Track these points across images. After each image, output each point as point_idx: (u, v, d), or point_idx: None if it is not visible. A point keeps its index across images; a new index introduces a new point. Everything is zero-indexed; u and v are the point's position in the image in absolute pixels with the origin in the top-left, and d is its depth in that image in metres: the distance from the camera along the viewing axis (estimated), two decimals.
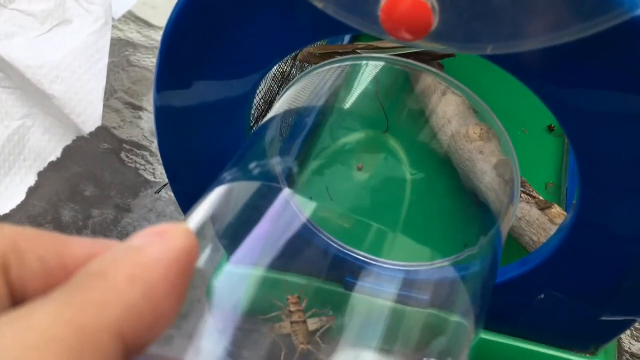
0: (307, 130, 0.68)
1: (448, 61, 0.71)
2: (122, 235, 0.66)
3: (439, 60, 0.69)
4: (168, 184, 0.51)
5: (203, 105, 0.45)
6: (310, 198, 0.61)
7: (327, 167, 0.63)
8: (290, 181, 0.63)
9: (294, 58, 0.69)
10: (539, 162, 0.64)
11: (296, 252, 0.43)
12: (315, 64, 0.61)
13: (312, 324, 0.42)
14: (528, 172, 0.54)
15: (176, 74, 0.44)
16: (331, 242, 0.50)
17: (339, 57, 0.64)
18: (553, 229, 0.48)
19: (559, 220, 0.48)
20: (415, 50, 0.64)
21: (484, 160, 0.55)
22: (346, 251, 0.50)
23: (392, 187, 0.61)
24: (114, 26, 0.91)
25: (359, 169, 0.64)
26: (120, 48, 0.88)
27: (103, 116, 0.77)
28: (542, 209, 0.49)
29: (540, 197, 0.51)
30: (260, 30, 0.40)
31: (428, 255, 0.55)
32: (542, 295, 0.46)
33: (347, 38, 0.74)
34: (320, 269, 0.50)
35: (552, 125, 0.67)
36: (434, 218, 0.57)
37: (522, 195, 0.51)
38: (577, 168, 0.39)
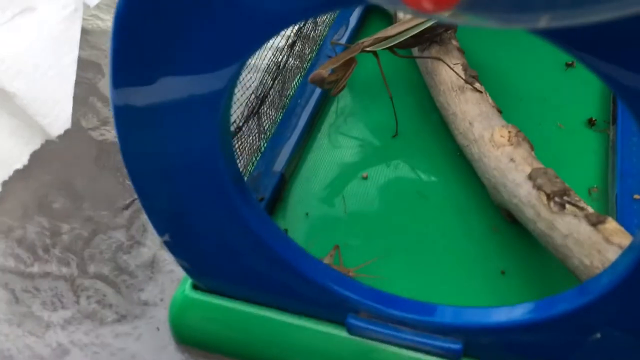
0: (299, 131, 0.58)
1: (468, 46, 0.61)
2: (95, 255, 0.57)
3: (458, 46, 0.59)
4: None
5: (169, 104, 0.36)
6: (307, 214, 0.52)
7: (321, 175, 0.53)
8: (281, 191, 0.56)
9: (291, 47, 0.60)
10: (579, 163, 0.54)
11: None
12: (328, 86, 0.52)
13: None
14: (566, 176, 0.45)
15: (135, 68, 0.35)
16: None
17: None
18: (610, 250, 0.39)
19: (617, 239, 0.39)
20: (415, 31, 0.55)
21: (516, 169, 0.46)
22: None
23: (405, 202, 0.51)
24: (93, 15, 0.82)
25: (364, 179, 0.55)
26: (98, 39, 0.79)
27: (79, 116, 0.68)
28: (594, 225, 0.40)
29: (591, 209, 0.42)
30: (231, 11, 0.31)
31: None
32: (599, 335, 0.37)
33: (345, 37, 0.65)
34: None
35: (594, 119, 0.57)
36: (460, 242, 0.48)
37: (567, 206, 0.42)
38: None
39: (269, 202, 0.51)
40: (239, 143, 0.50)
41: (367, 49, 0.55)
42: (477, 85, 0.54)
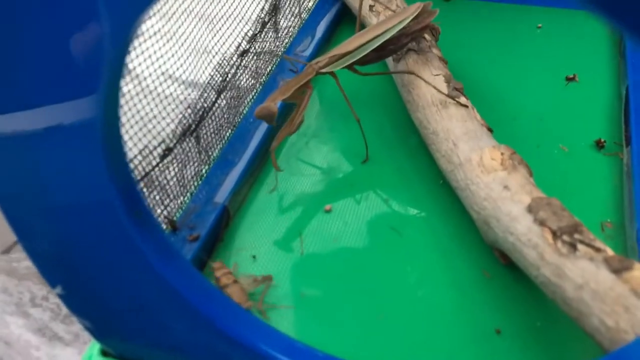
0: (250, 155, 0.48)
1: (452, 55, 0.52)
2: None
3: (440, 55, 0.50)
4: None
5: (32, 132, 0.26)
6: (254, 257, 0.42)
7: (274, 208, 0.43)
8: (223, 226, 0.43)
9: (242, 55, 0.50)
10: (587, 193, 0.45)
11: None
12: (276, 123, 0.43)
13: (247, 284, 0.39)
14: (573, 208, 0.35)
15: None
16: None
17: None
18: None
19: None
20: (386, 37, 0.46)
21: (512, 199, 0.36)
22: None
23: (376, 241, 0.41)
24: None
25: (327, 212, 0.45)
26: None
27: None
28: (616, 272, 0.30)
29: (610, 251, 0.32)
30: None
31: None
32: None
33: (310, 49, 0.56)
34: None
35: (602, 140, 0.48)
36: (444, 291, 0.38)
37: (579, 246, 0.32)
38: None
39: (206, 242, 0.41)
40: (169, 169, 0.41)
41: (323, 70, 0.46)
42: (463, 99, 0.45)
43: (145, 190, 0.39)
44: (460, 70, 0.53)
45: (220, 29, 0.48)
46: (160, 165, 0.40)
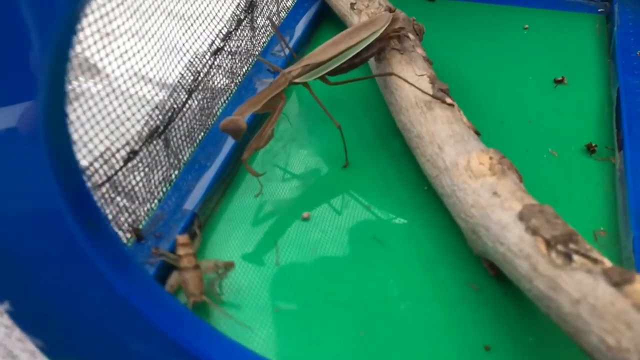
0: (222, 159, 0.45)
1: (436, 56, 0.50)
2: None
3: (424, 55, 0.48)
4: None
5: None
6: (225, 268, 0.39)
7: (248, 216, 0.40)
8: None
9: (215, 54, 0.48)
10: (578, 199, 0.42)
11: None
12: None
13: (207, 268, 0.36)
14: (564, 215, 0.33)
15: None
16: None
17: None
18: None
19: None
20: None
21: (502, 207, 0.34)
22: None
23: (357, 251, 0.39)
24: None
25: (305, 220, 0.42)
26: None
27: None
28: (617, 285, 0.28)
29: (609, 262, 0.30)
30: None
31: None
32: None
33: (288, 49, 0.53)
34: None
35: (593, 144, 0.46)
36: (429, 305, 0.35)
37: (575, 257, 0.30)
38: None
39: (173, 252, 0.38)
40: (134, 173, 0.38)
41: (296, 80, 0.43)
42: (449, 100, 0.43)
43: (107, 196, 0.36)
44: (445, 71, 0.50)
45: (192, 25, 0.45)
46: (124, 169, 0.37)
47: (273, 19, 0.57)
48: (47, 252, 0.26)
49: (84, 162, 0.34)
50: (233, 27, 0.49)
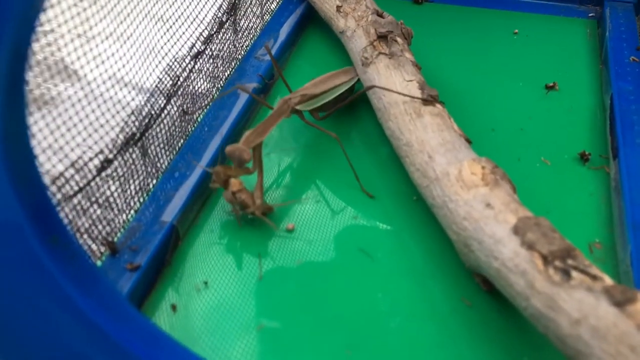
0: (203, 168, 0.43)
1: (425, 62, 0.48)
2: None
3: (413, 60, 0.46)
4: None
5: None
6: (206, 283, 0.37)
7: (229, 227, 0.38)
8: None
9: (196, 57, 0.46)
10: (572, 210, 0.41)
11: None
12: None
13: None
14: (558, 228, 0.31)
15: None
16: None
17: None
18: None
19: None
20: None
21: (496, 219, 0.32)
22: None
23: (343, 265, 0.37)
24: None
25: (289, 231, 0.40)
26: None
27: None
28: (619, 304, 0.26)
29: (609, 279, 0.28)
30: None
31: None
32: None
33: (272, 52, 0.51)
34: None
35: (587, 153, 0.44)
36: (419, 322, 0.33)
37: (573, 273, 0.28)
38: None
39: (149, 266, 0.36)
40: (108, 183, 0.36)
41: (297, 107, 0.44)
42: (439, 106, 0.41)
43: (80, 207, 0.34)
44: (435, 76, 0.49)
45: (171, 27, 0.44)
46: (98, 178, 0.35)
47: (257, 20, 0.55)
48: (7, 269, 0.24)
49: (54, 171, 0.32)
50: (215, 29, 0.47)
